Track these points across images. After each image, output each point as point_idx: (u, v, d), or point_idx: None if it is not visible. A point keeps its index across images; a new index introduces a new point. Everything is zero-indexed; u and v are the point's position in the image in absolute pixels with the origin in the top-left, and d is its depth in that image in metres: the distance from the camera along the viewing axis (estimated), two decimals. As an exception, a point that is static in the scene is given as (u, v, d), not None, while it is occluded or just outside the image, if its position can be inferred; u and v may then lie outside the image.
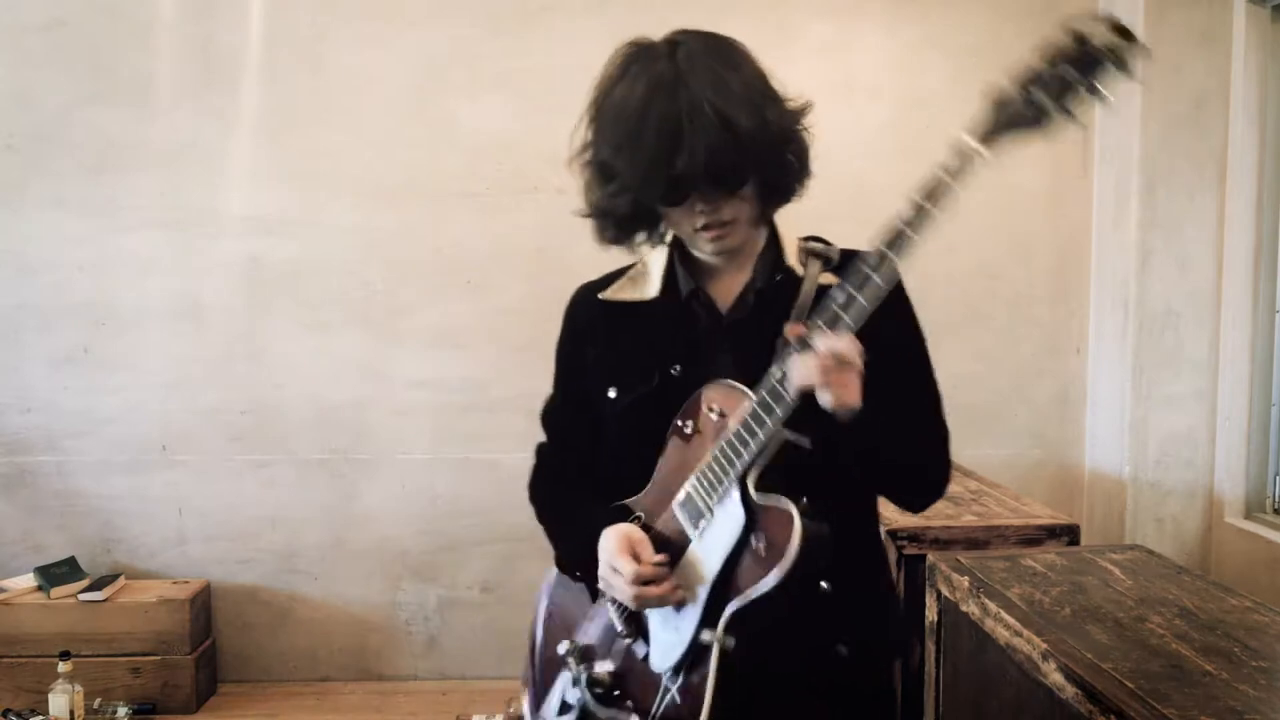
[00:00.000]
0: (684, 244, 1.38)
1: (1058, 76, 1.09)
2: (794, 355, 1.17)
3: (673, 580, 1.26)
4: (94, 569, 3.47)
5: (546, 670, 1.45)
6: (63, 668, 2.99)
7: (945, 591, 2.02)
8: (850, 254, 1.35)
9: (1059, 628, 1.68)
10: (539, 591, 1.52)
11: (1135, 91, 3.34)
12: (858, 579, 1.34)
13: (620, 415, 1.38)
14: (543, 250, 3.42)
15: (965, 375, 3.66)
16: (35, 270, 3.45)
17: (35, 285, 3.46)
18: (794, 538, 1.17)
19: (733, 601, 1.22)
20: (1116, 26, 1.07)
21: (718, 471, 1.24)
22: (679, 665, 1.26)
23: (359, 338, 3.50)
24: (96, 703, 3.17)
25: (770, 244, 1.38)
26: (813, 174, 1.36)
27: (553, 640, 1.43)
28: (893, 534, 2.43)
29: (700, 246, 1.33)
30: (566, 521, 1.44)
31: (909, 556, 2.42)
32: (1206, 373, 3.35)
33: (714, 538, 1.25)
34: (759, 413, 1.20)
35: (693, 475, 1.28)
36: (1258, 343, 3.27)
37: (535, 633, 1.51)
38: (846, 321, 1.15)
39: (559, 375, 1.51)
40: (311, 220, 3.47)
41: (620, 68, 1.32)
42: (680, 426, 1.32)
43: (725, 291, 1.38)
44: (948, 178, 1.17)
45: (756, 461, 1.22)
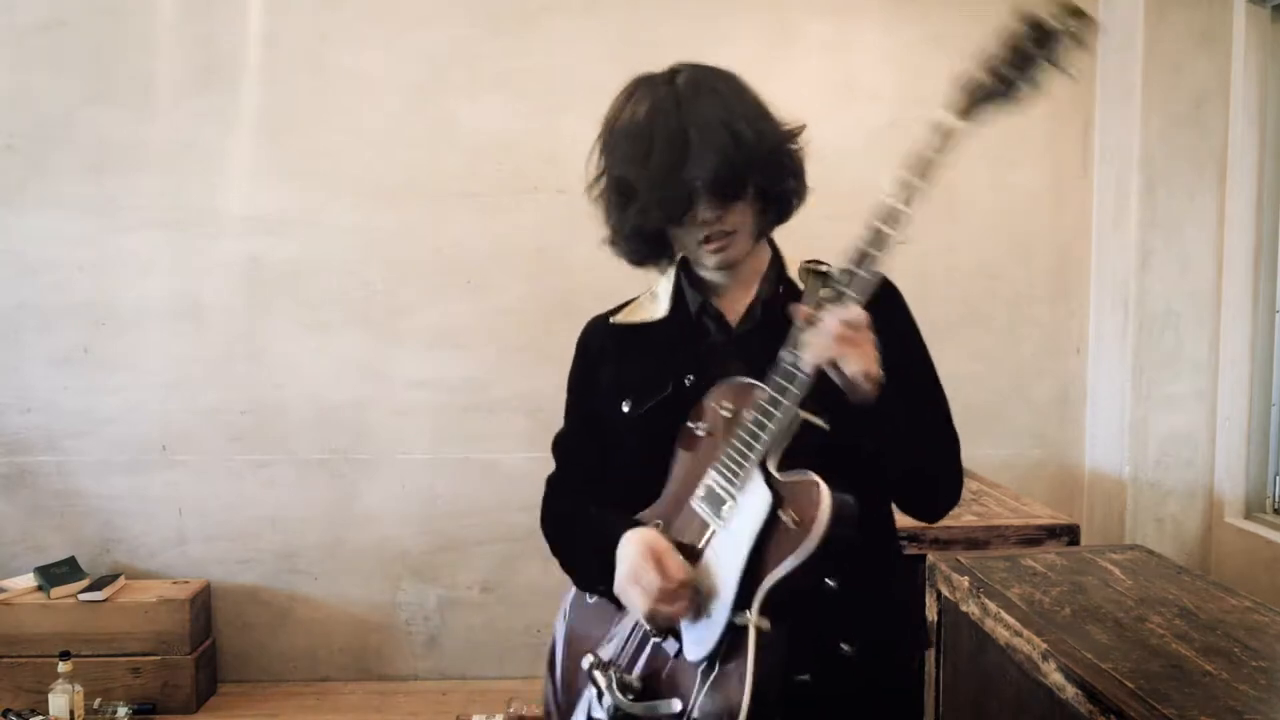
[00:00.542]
0: (690, 265, 1.44)
1: (1021, 55, 1.20)
2: (805, 334, 1.20)
3: (689, 598, 1.27)
4: (94, 569, 3.47)
5: (569, 692, 1.45)
6: (63, 668, 2.99)
7: (945, 591, 2.02)
8: (848, 272, 1.35)
9: (1059, 628, 1.68)
10: (556, 620, 1.53)
11: (1135, 91, 3.35)
12: (867, 579, 1.34)
13: (634, 426, 1.41)
14: (543, 250, 3.42)
15: (965, 375, 3.66)
16: (35, 270, 3.45)
17: (35, 285, 3.46)
18: (824, 502, 1.19)
19: (766, 580, 1.22)
20: (1069, 7, 1.16)
21: (736, 458, 1.26)
22: (714, 653, 1.25)
23: (359, 338, 3.50)
24: (96, 703, 3.17)
25: (773, 263, 1.44)
26: (810, 190, 1.42)
27: (575, 661, 1.43)
28: (893, 534, 2.42)
29: (703, 260, 1.38)
30: (586, 537, 1.44)
31: (909, 556, 2.41)
32: (1206, 373, 3.35)
33: (740, 522, 1.25)
34: (774, 395, 1.23)
35: (710, 469, 1.30)
36: (1258, 343, 3.27)
37: (555, 658, 1.51)
38: (852, 295, 1.20)
39: (571, 404, 1.54)
40: (311, 220, 3.47)
41: (625, 96, 1.40)
42: (691, 429, 1.36)
43: (732, 307, 1.43)
44: (932, 153, 1.22)
45: (776, 443, 1.24)
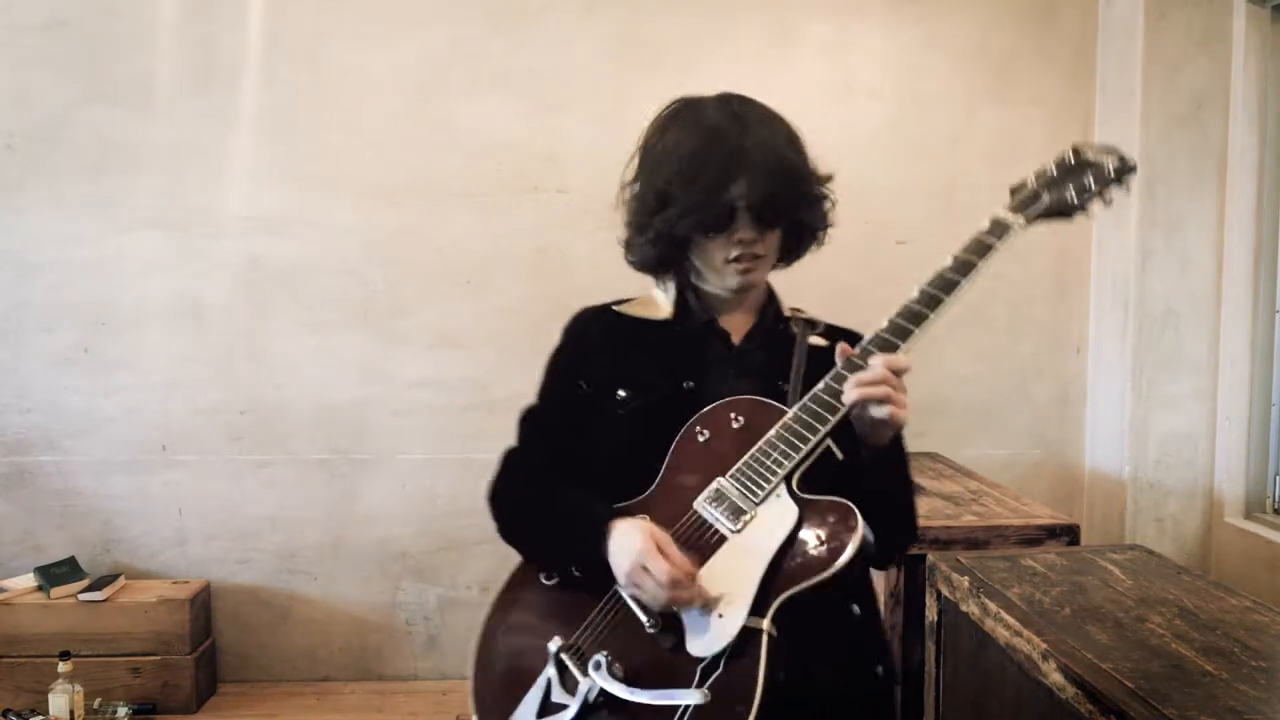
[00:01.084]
0: (693, 280, 1.48)
1: (1065, 179, 1.45)
2: (851, 373, 1.30)
3: (698, 591, 1.29)
4: (94, 569, 3.47)
5: (512, 683, 1.39)
6: (63, 668, 2.99)
7: (945, 591, 2.02)
8: (833, 327, 1.54)
9: (1059, 628, 1.68)
10: (490, 604, 1.48)
11: (1135, 91, 3.35)
12: (874, 603, 1.47)
13: (629, 416, 1.43)
14: (543, 250, 3.42)
15: (965, 375, 3.66)
16: (35, 270, 3.45)
17: (35, 285, 3.46)
18: (858, 528, 1.27)
19: (786, 591, 1.27)
20: (1112, 150, 1.44)
21: (761, 471, 1.32)
22: (722, 653, 1.27)
23: (359, 338, 3.50)
24: (96, 703, 3.17)
25: (770, 294, 1.54)
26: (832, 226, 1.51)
27: (516, 647, 1.41)
28: (893, 534, 2.42)
29: (726, 277, 1.43)
30: (565, 515, 1.43)
31: (909, 556, 2.41)
32: (1206, 373, 3.35)
33: (761, 532, 1.30)
34: (810, 420, 1.31)
35: (724, 476, 1.34)
36: (1258, 343, 3.27)
37: (492, 646, 1.45)
38: (898, 344, 1.34)
39: (554, 383, 1.53)
40: (311, 220, 3.47)
41: (671, 115, 1.45)
42: (695, 433, 1.39)
43: (734, 327, 1.49)
44: (990, 240, 1.43)
45: (800, 465, 1.31)
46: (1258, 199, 3.23)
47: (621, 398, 1.43)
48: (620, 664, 1.31)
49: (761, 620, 1.26)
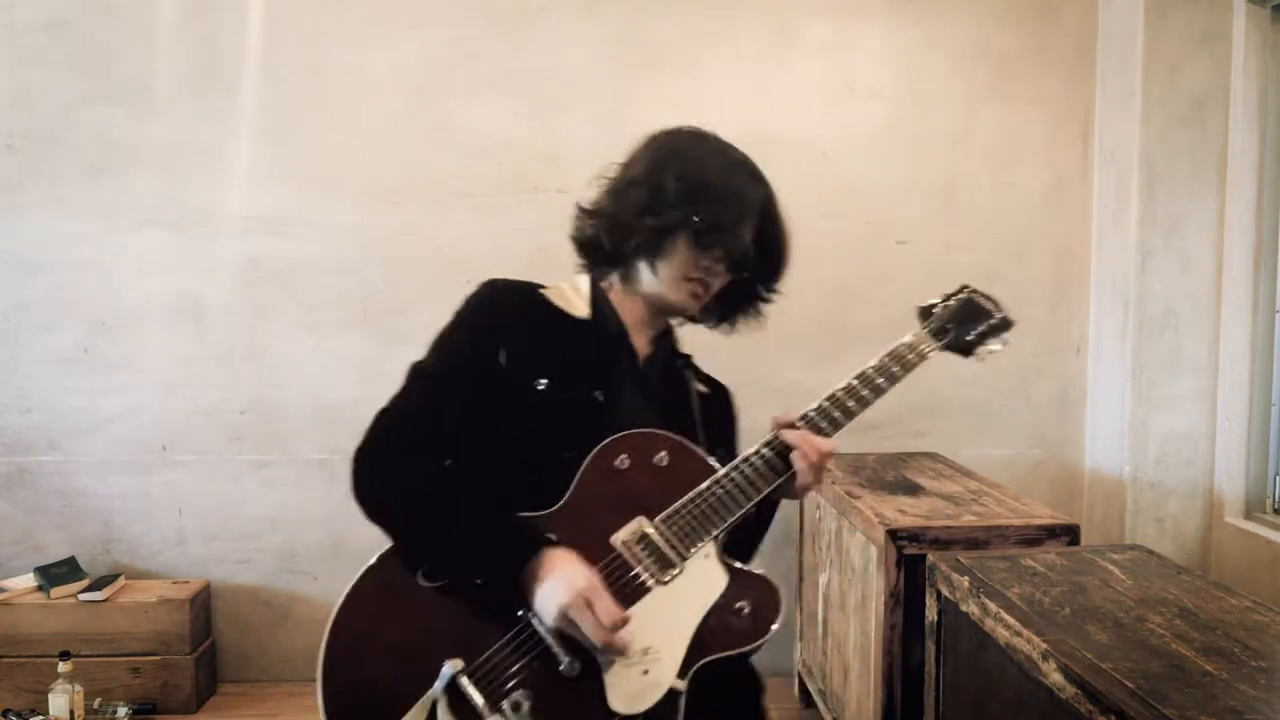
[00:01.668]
0: (617, 282, 1.48)
1: (977, 332, 1.55)
2: (795, 444, 1.35)
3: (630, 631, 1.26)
4: (94, 569, 3.47)
5: (379, 693, 1.25)
6: (63, 668, 2.99)
7: (945, 591, 2.02)
8: (712, 380, 1.59)
9: (1059, 628, 1.68)
10: (346, 596, 1.29)
11: (1135, 91, 3.35)
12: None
13: (544, 410, 1.36)
14: (543, 250, 3.39)
15: (965, 375, 3.66)
16: (35, 270, 3.46)
17: (35, 285, 3.46)
18: (781, 609, 1.32)
19: (708, 656, 1.30)
20: (1004, 315, 1.60)
21: (694, 527, 1.32)
22: (648, 713, 1.26)
23: (359, 338, 3.50)
24: (96, 703, 3.17)
25: (668, 331, 1.54)
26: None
27: (388, 656, 1.26)
28: (893, 534, 2.43)
29: (675, 292, 1.43)
30: (480, 523, 1.31)
31: (909, 556, 2.41)
32: (1206, 373, 3.35)
33: (689, 591, 1.31)
34: (747, 487, 1.34)
35: (650, 521, 1.32)
36: (1258, 343, 3.28)
37: (353, 647, 1.27)
38: (830, 431, 1.39)
39: (461, 345, 1.43)
40: (311, 220, 3.47)
41: (699, 135, 1.48)
42: (615, 458, 1.34)
43: (639, 343, 1.48)
44: (912, 356, 1.47)
45: (731, 526, 1.33)
46: (1258, 199, 3.23)
47: (541, 388, 1.36)
48: (537, 708, 1.23)
49: (681, 681, 1.28)
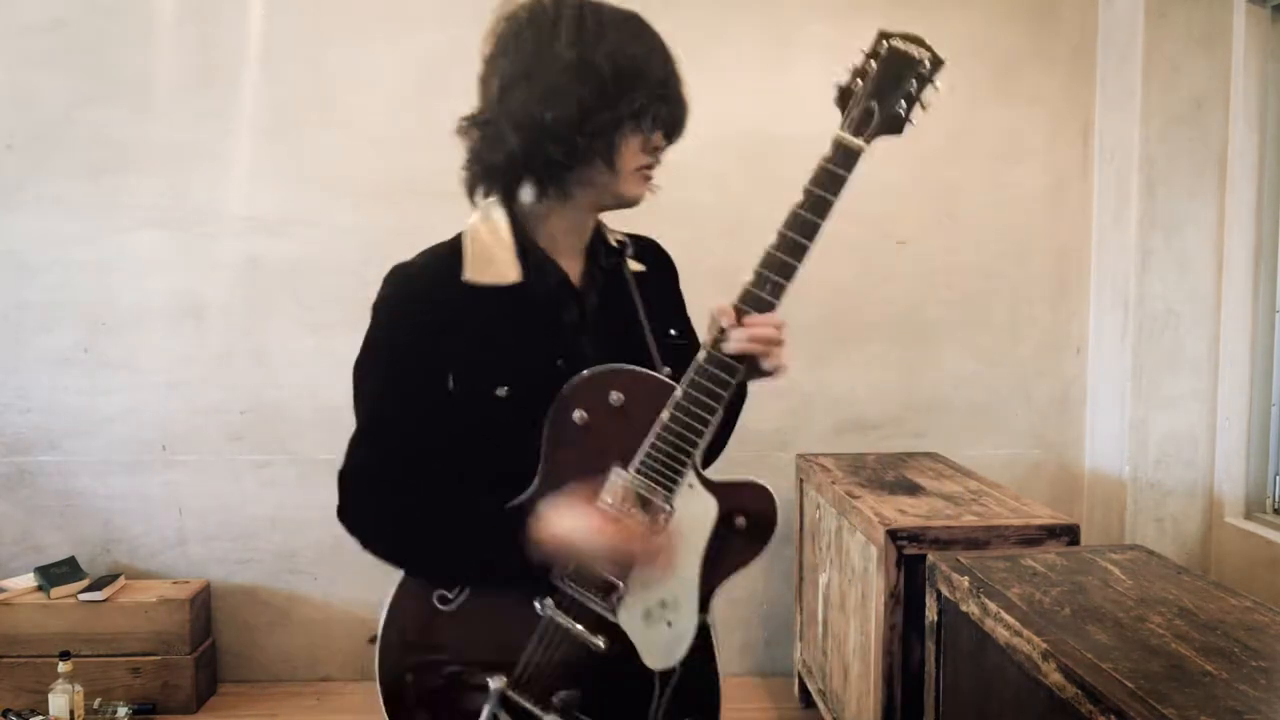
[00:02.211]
0: (523, 218, 1.33)
1: (904, 93, 1.30)
2: (732, 332, 1.21)
3: (633, 588, 1.25)
4: (94, 569, 3.47)
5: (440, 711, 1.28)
6: (63, 668, 2.99)
7: (945, 591, 2.02)
8: (636, 238, 1.44)
9: (1059, 628, 1.68)
10: (381, 643, 1.35)
11: (1135, 91, 3.35)
12: None
13: (510, 414, 1.26)
14: (543, 250, 3.42)
15: (965, 375, 3.66)
16: (35, 270, 3.45)
17: (35, 285, 3.46)
18: (778, 507, 1.28)
19: (721, 582, 1.28)
20: (932, 51, 1.31)
21: (668, 462, 1.22)
22: (684, 657, 1.27)
23: (359, 338, 3.48)
24: (96, 703, 3.17)
25: (598, 229, 1.40)
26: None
27: (438, 688, 1.29)
28: (893, 534, 2.42)
29: (630, 187, 1.29)
30: (463, 523, 1.28)
31: (909, 556, 2.41)
32: (1206, 373, 3.35)
33: (685, 528, 1.25)
34: (706, 399, 1.21)
35: (627, 468, 1.24)
36: (1258, 343, 3.28)
37: (405, 688, 1.33)
38: (773, 303, 1.23)
39: (397, 372, 1.31)
40: (311, 220, 3.47)
41: (575, 8, 1.27)
42: (570, 416, 1.25)
43: (570, 266, 1.35)
44: (838, 170, 1.26)
45: (704, 444, 1.24)
46: (1258, 199, 3.23)
47: (503, 397, 1.26)
48: (583, 697, 1.24)
49: (705, 614, 1.28)
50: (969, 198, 3.62)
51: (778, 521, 1.28)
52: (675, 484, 1.23)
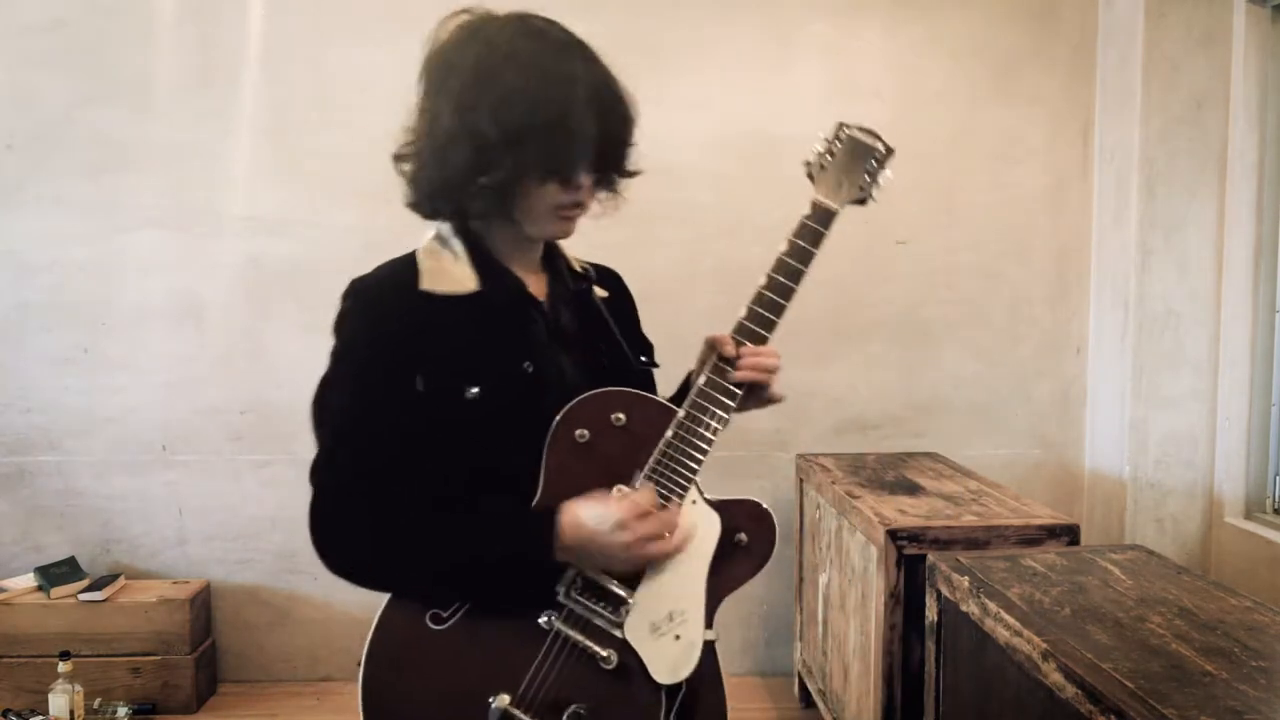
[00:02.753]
0: (485, 228, 1.34)
1: (867, 169, 1.41)
2: (741, 360, 1.30)
3: (641, 602, 1.26)
4: (94, 569, 3.47)
5: None
6: (63, 668, 2.99)
7: (945, 591, 2.02)
8: (597, 267, 1.48)
9: (1059, 628, 1.68)
10: (365, 667, 1.28)
11: (1135, 91, 3.35)
12: None
13: (483, 417, 1.25)
14: (543, 250, 3.42)
15: (965, 375, 3.66)
16: (35, 270, 3.45)
17: (35, 285, 3.46)
18: (776, 526, 1.33)
19: (724, 597, 1.31)
20: (885, 142, 1.43)
21: (673, 479, 1.27)
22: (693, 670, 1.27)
23: (359, 338, 3.50)
24: (96, 703, 3.17)
25: (552, 248, 1.42)
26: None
27: (436, 712, 1.23)
28: (893, 534, 2.43)
29: (544, 225, 1.31)
30: (472, 536, 1.24)
31: (909, 556, 2.42)
32: (1206, 373, 3.35)
33: (690, 544, 1.28)
34: (708, 420, 1.29)
35: (632, 485, 1.26)
36: (1258, 343, 3.28)
37: (395, 713, 1.25)
38: (765, 335, 1.33)
39: (364, 380, 1.30)
40: (311, 220, 3.47)
41: (481, 37, 1.30)
42: (573, 434, 1.26)
43: (534, 285, 1.37)
44: (820, 227, 1.36)
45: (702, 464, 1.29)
46: (1258, 199, 3.23)
47: (473, 399, 1.24)
48: (589, 716, 1.22)
49: (711, 631, 1.29)
50: (969, 198, 3.62)
51: (774, 542, 1.32)
52: (678, 500, 1.27)
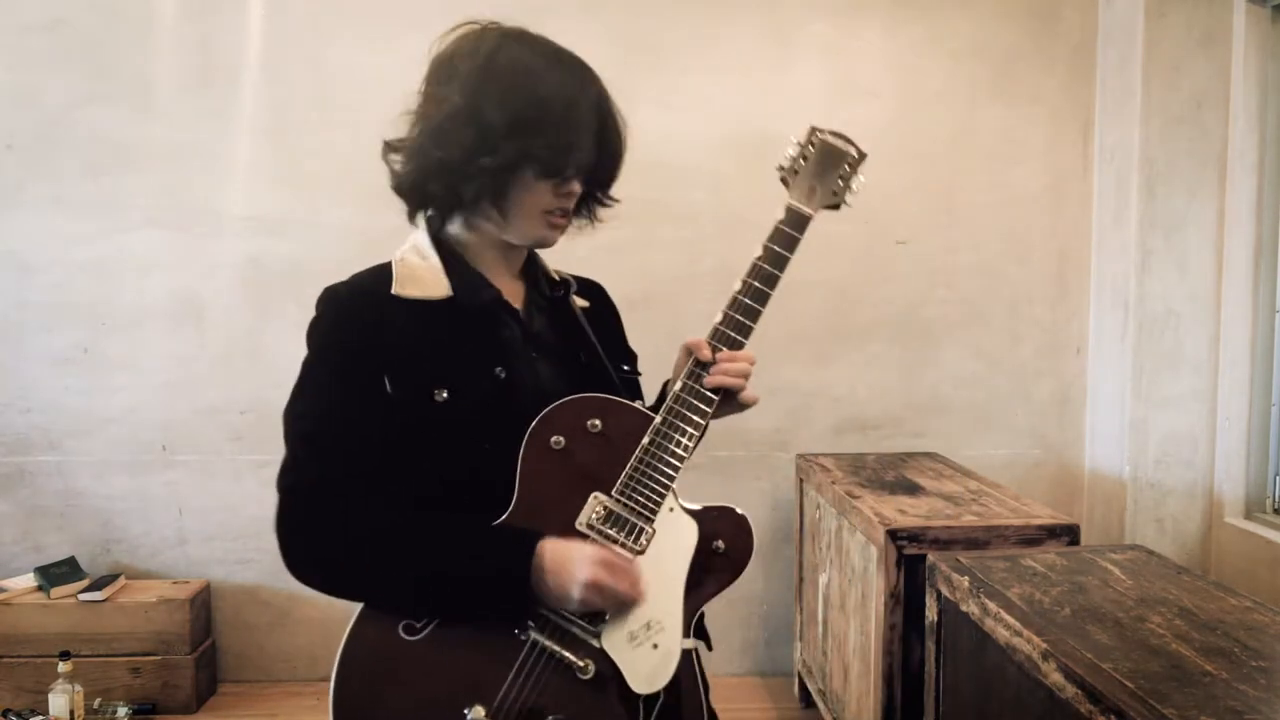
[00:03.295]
0: (461, 229, 1.37)
1: (840, 175, 1.37)
2: (716, 365, 1.30)
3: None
4: (94, 569, 3.47)
5: None
6: (63, 668, 2.99)
7: (945, 591, 2.02)
8: (580, 279, 1.51)
9: (1059, 628, 1.68)
10: (337, 679, 1.31)
11: (1135, 91, 3.35)
12: None
13: (453, 420, 1.26)
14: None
15: (965, 375, 3.66)
16: (35, 270, 3.45)
17: (35, 285, 3.46)
18: (754, 533, 1.30)
19: (703, 605, 1.29)
20: (858, 147, 1.38)
21: (650, 486, 1.26)
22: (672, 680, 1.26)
23: (359, 338, 3.50)
24: (96, 703, 3.17)
25: (531, 259, 1.44)
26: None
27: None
28: (892, 534, 2.43)
29: (534, 228, 1.33)
30: (452, 547, 1.24)
31: (909, 556, 2.42)
32: (1206, 373, 3.35)
33: (666, 551, 1.27)
34: (685, 427, 1.28)
35: (608, 494, 1.26)
36: (1258, 343, 3.28)
37: None
38: (742, 341, 1.32)
39: (338, 383, 1.31)
40: (311, 220, 3.47)
41: (508, 40, 1.33)
42: (548, 440, 1.26)
43: (509, 292, 1.38)
44: (797, 234, 1.34)
45: (682, 470, 1.29)
46: (1258, 199, 3.23)
47: (443, 402, 1.25)
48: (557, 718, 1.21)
49: (690, 640, 1.27)
50: (969, 198, 3.62)
51: (752, 549, 1.30)
52: (656, 509, 1.26)
